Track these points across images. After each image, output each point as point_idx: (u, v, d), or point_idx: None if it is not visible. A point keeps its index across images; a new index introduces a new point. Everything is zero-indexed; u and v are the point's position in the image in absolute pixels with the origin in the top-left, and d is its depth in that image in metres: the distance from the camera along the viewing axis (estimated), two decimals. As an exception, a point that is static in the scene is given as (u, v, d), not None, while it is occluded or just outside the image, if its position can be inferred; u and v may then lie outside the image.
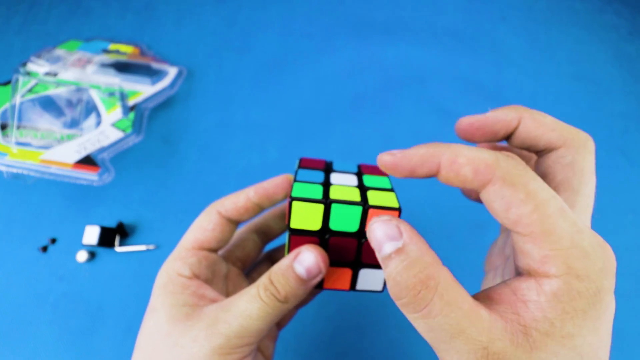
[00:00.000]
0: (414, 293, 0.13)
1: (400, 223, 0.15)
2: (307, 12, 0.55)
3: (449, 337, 0.13)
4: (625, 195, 0.40)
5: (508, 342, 0.13)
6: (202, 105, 0.45)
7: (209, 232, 0.22)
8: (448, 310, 0.13)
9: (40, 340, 0.30)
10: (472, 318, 0.13)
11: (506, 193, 0.14)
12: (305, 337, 0.32)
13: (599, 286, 0.13)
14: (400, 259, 0.14)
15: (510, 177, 0.14)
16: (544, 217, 0.13)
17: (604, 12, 0.58)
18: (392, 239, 0.14)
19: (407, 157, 0.16)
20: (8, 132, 0.38)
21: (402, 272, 0.14)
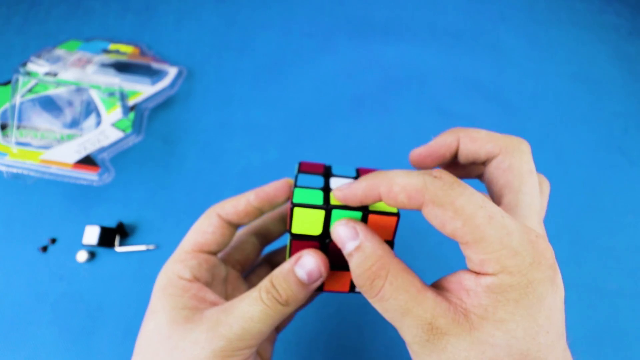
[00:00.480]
0: (369, 282, 0.16)
1: (356, 224, 0.18)
2: (307, 12, 0.55)
3: (399, 315, 0.16)
4: (625, 195, 0.40)
5: (450, 320, 0.15)
6: (202, 105, 0.45)
7: (209, 235, 0.22)
8: (397, 294, 0.16)
9: (40, 340, 0.30)
10: (419, 299, 0.16)
11: (438, 213, 0.15)
12: (305, 337, 0.32)
13: (529, 279, 0.15)
14: (358, 255, 0.17)
15: (438, 199, 0.15)
16: (473, 228, 0.15)
17: (604, 12, 0.58)
18: (352, 238, 0.17)
19: (352, 193, 0.18)
20: (8, 132, 0.38)
21: (360, 265, 0.17)
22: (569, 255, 0.36)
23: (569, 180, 0.41)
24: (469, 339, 0.15)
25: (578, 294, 0.34)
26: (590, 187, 0.41)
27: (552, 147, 0.43)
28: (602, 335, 0.32)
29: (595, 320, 0.33)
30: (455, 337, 0.15)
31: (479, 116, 0.45)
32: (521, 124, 0.45)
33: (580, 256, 0.36)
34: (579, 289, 0.34)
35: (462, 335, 0.15)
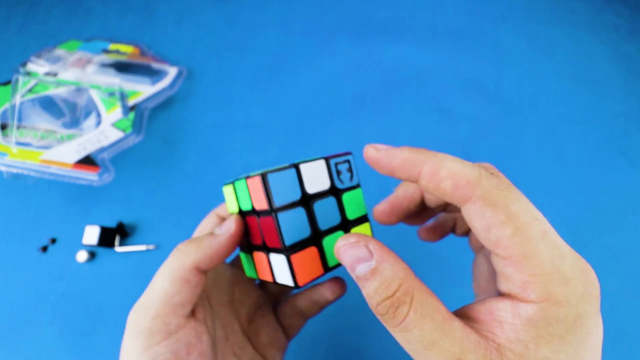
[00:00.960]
0: (392, 310, 0.14)
1: (368, 242, 0.15)
2: (307, 12, 0.55)
3: (423, 348, 0.13)
4: (625, 195, 0.40)
5: (481, 356, 0.13)
6: (202, 105, 0.45)
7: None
8: (422, 323, 0.13)
9: (40, 340, 0.30)
10: (445, 330, 0.13)
11: (487, 213, 0.13)
12: (305, 337, 0.32)
13: (579, 311, 0.13)
14: (376, 279, 0.14)
15: (492, 197, 0.13)
16: (524, 241, 0.13)
17: (604, 12, 0.58)
18: (364, 260, 0.14)
19: (390, 156, 0.16)
20: (8, 132, 0.38)
21: (380, 292, 0.14)
22: (569, 255, 0.36)
23: (569, 180, 0.41)
24: None
25: (578, 294, 0.34)
26: (590, 187, 0.41)
27: (552, 147, 0.43)
28: (602, 335, 0.32)
29: (595, 320, 0.33)
30: None
31: (479, 116, 0.45)
32: (521, 124, 0.45)
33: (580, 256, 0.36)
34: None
35: None
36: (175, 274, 0.18)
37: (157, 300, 0.17)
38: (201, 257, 0.18)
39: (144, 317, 0.17)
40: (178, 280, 0.18)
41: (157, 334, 0.17)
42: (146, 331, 0.17)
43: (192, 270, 0.18)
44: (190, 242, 0.19)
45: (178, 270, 0.18)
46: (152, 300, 0.17)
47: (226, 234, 0.19)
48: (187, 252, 0.18)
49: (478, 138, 0.44)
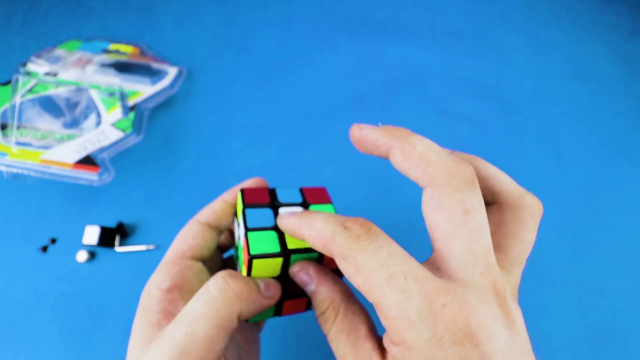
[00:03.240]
0: (323, 322, 0.18)
1: (310, 268, 0.19)
2: (307, 12, 0.55)
3: (340, 357, 0.16)
4: (625, 195, 0.40)
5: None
6: (202, 105, 0.45)
7: (190, 241, 0.22)
8: (339, 337, 0.17)
9: (40, 340, 0.30)
10: (356, 347, 0.16)
11: (343, 266, 0.14)
12: (305, 337, 0.32)
13: (429, 357, 0.13)
14: (314, 298, 0.18)
15: (342, 251, 0.14)
16: (372, 288, 0.13)
17: (604, 12, 0.58)
18: (308, 283, 0.19)
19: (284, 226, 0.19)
20: (8, 132, 0.38)
21: (317, 307, 0.18)
22: (569, 255, 0.36)
23: (569, 180, 0.41)
24: None
25: (578, 294, 0.34)
26: (590, 187, 0.41)
27: (552, 147, 0.43)
28: (602, 335, 0.32)
29: (595, 320, 0.33)
30: None
31: (479, 116, 0.45)
32: (521, 124, 0.45)
33: (580, 256, 0.36)
34: (579, 289, 0.34)
35: None
36: (224, 323, 0.17)
37: (202, 348, 0.16)
38: (246, 311, 0.18)
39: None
40: (226, 329, 0.17)
41: None
42: None
43: (237, 319, 0.17)
44: (243, 286, 0.18)
45: (228, 320, 0.17)
46: (196, 347, 0.16)
47: (271, 301, 0.19)
48: (239, 298, 0.17)
49: (478, 138, 0.44)
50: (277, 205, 0.22)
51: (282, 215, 0.19)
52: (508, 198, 0.17)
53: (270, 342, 0.31)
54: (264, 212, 0.21)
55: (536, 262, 0.36)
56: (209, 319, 0.16)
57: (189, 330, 0.16)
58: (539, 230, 0.38)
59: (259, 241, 0.19)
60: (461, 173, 0.15)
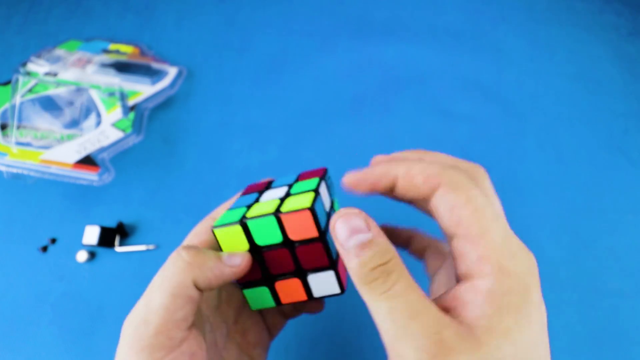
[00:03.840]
0: (384, 275, 0.15)
1: (367, 218, 0.16)
2: (307, 12, 0.55)
3: (407, 318, 0.14)
4: (625, 195, 0.40)
5: (455, 333, 0.14)
6: (202, 105, 0.45)
7: (203, 236, 0.22)
8: (410, 291, 0.15)
9: (40, 340, 0.30)
10: (427, 305, 0.14)
11: (451, 196, 0.16)
12: (306, 337, 0.32)
13: (527, 283, 0.15)
14: (372, 248, 0.15)
15: (454, 184, 0.16)
16: (481, 220, 0.15)
17: (604, 12, 0.58)
18: (361, 231, 0.16)
19: (365, 176, 0.18)
20: (8, 132, 0.38)
21: (375, 259, 0.15)
22: (569, 255, 0.36)
23: (569, 180, 0.41)
24: (478, 355, 0.13)
25: (578, 294, 0.34)
26: (590, 187, 0.41)
27: (552, 147, 0.43)
28: (602, 335, 0.32)
29: (595, 320, 0.33)
30: (464, 353, 0.13)
31: (479, 116, 0.45)
32: (521, 124, 0.45)
33: (580, 256, 0.36)
34: (579, 289, 0.34)
35: (471, 352, 0.13)
36: (176, 290, 0.17)
37: (158, 317, 0.16)
38: (202, 278, 0.18)
39: (144, 333, 0.16)
40: (180, 297, 0.17)
41: (162, 349, 0.16)
42: (149, 347, 0.16)
43: (193, 287, 0.17)
44: (195, 254, 0.18)
45: (179, 287, 0.17)
46: (152, 316, 0.16)
47: (235, 269, 0.19)
48: (191, 266, 0.17)
49: (478, 138, 0.44)
50: (268, 189, 0.23)
51: (353, 172, 0.19)
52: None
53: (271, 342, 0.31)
54: (250, 196, 0.22)
55: (536, 262, 0.36)
56: (161, 288, 0.17)
57: (146, 301, 0.17)
58: (539, 229, 0.38)
59: (227, 216, 0.20)
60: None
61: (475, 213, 0.15)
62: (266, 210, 0.19)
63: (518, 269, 0.15)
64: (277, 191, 0.22)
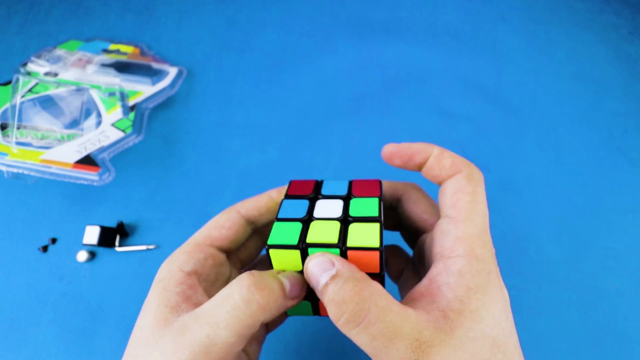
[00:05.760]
0: (352, 306, 0.15)
1: (331, 256, 0.17)
2: (307, 12, 0.55)
3: (388, 340, 0.15)
4: (625, 195, 0.40)
5: (432, 329, 0.15)
6: (202, 105, 0.45)
7: (224, 230, 0.22)
8: (383, 315, 0.15)
9: (40, 340, 0.30)
10: (403, 317, 0.15)
11: (462, 182, 0.19)
12: (306, 337, 0.32)
13: (490, 268, 0.17)
14: (336, 282, 0.16)
15: (471, 175, 0.19)
16: (472, 210, 0.18)
17: (604, 12, 0.58)
18: (326, 270, 0.17)
19: (406, 147, 0.21)
20: (8, 132, 0.38)
21: (339, 291, 0.15)
22: (569, 255, 0.36)
23: (569, 180, 0.41)
24: (452, 342, 0.15)
25: (578, 294, 0.34)
26: (590, 187, 0.41)
27: (552, 147, 0.43)
28: (602, 335, 0.32)
29: (595, 320, 0.33)
30: (440, 345, 0.15)
31: (479, 116, 0.45)
32: (521, 124, 0.45)
33: (580, 256, 0.36)
34: (579, 289, 0.34)
35: (446, 341, 0.15)
36: (246, 332, 0.17)
37: (221, 351, 0.16)
38: (270, 317, 0.17)
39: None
40: (246, 336, 0.17)
41: None
42: None
43: (259, 326, 0.17)
44: (268, 294, 0.17)
45: (250, 329, 0.17)
46: (215, 350, 0.16)
47: (296, 300, 0.19)
48: (264, 309, 0.17)
49: (478, 138, 0.44)
50: (316, 198, 0.21)
51: (394, 144, 0.22)
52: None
53: (270, 342, 0.31)
54: (300, 203, 0.21)
55: (536, 262, 0.36)
56: (231, 327, 0.16)
57: (211, 334, 0.16)
58: (539, 229, 0.38)
59: (281, 231, 0.19)
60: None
61: (470, 203, 0.18)
62: (329, 238, 0.18)
63: (485, 256, 0.17)
64: (332, 205, 0.20)
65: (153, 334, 0.17)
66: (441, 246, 0.18)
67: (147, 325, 0.18)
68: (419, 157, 0.21)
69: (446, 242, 0.18)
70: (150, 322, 0.18)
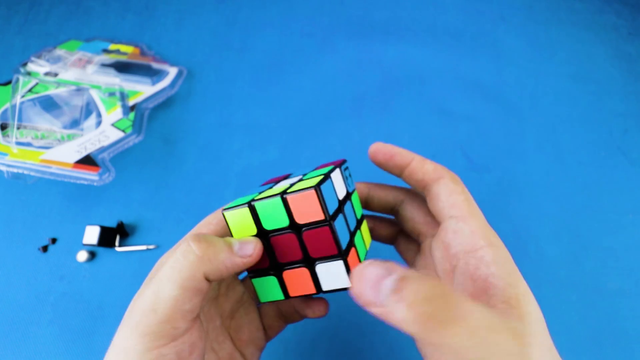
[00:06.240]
0: (443, 301, 0.13)
1: (381, 262, 0.14)
2: (307, 12, 0.55)
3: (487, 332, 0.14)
4: (625, 195, 0.40)
5: (514, 319, 0.16)
6: (202, 105, 0.45)
7: (212, 226, 0.22)
8: (472, 306, 0.14)
9: (40, 340, 0.30)
10: (483, 310, 0.15)
11: (452, 185, 0.20)
12: (306, 337, 0.32)
13: (508, 254, 0.19)
14: (411, 283, 0.13)
15: (454, 178, 0.21)
16: (470, 206, 0.20)
17: (604, 12, 0.58)
18: (385, 276, 0.14)
19: (390, 147, 0.22)
20: (8, 132, 0.38)
21: (421, 290, 0.13)
22: (569, 255, 0.36)
23: (569, 180, 0.41)
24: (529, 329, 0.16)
25: (578, 294, 0.34)
26: (590, 187, 0.41)
27: (552, 147, 0.43)
28: (602, 335, 0.32)
29: (595, 320, 0.33)
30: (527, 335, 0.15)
31: (479, 116, 0.45)
32: (521, 124, 0.45)
33: (580, 256, 0.36)
34: (579, 289, 0.34)
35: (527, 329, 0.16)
36: (187, 283, 0.17)
37: (166, 307, 0.17)
38: (214, 271, 0.18)
39: (151, 320, 0.16)
40: (190, 289, 0.17)
41: (165, 337, 0.17)
42: (153, 334, 0.16)
43: (204, 280, 0.17)
44: (206, 247, 0.18)
45: (190, 280, 0.17)
46: (160, 306, 0.17)
47: (247, 260, 0.19)
48: (202, 260, 0.17)
49: (478, 138, 0.44)
50: (281, 180, 0.23)
51: (381, 143, 0.23)
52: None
53: (270, 342, 0.31)
54: (266, 187, 0.22)
55: (536, 262, 0.36)
56: (172, 280, 0.17)
57: (155, 289, 0.17)
58: (539, 229, 0.38)
59: (237, 202, 0.20)
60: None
61: (466, 201, 0.20)
62: (273, 192, 0.19)
63: (500, 244, 0.19)
64: (291, 180, 0.22)
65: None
66: (460, 244, 0.19)
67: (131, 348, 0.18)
68: (400, 157, 0.22)
69: (464, 239, 0.19)
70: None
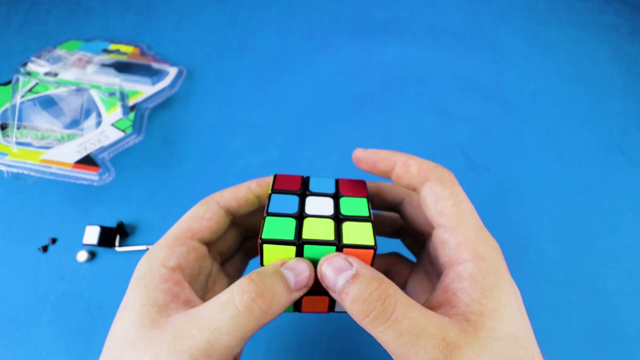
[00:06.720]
0: (380, 303, 0.15)
1: (346, 256, 0.17)
2: (307, 12, 0.55)
3: (415, 337, 0.15)
4: (625, 195, 0.40)
5: (457, 330, 0.15)
6: (202, 105, 0.45)
7: (205, 222, 0.21)
8: (409, 311, 0.15)
9: (40, 340, 0.30)
10: (427, 316, 0.15)
11: (438, 188, 0.19)
12: (306, 337, 0.32)
13: (498, 265, 0.17)
14: (359, 281, 0.16)
15: (442, 179, 0.19)
16: (459, 212, 0.18)
17: (604, 12, 0.58)
18: (343, 269, 0.17)
19: (373, 154, 0.21)
20: (8, 132, 0.38)
21: (365, 290, 0.16)
22: (569, 255, 0.36)
23: (569, 180, 0.41)
24: (478, 343, 0.15)
25: (578, 294, 0.34)
26: (590, 187, 0.41)
27: (552, 147, 0.44)
28: (602, 335, 0.32)
29: (595, 320, 0.33)
30: (467, 347, 0.15)
31: (479, 116, 0.45)
32: (521, 124, 0.45)
33: (580, 256, 0.36)
34: (579, 289, 0.34)
35: (472, 342, 0.15)
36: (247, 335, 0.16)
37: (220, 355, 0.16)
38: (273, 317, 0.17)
39: None
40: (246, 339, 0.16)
41: None
42: None
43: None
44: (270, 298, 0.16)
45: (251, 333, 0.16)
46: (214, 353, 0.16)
47: (303, 291, 0.18)
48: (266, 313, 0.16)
49: (478, 138, 0.44)
50: (306, 194, 0.21)
51: (363, 149, 0.21)
52: None
53: (270, 342, 0.31)
54: (289, 198, 0.21)
55: (536, 262, 0.36)
56: (233, 333, 0.16)
57: (212, 339, 0.15)
58: (539, 229, 0.38)
59: (274, 227, 0.18)
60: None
61: (455, 206, 0.18)
62: (325, 235, 0.18)
63: (490, 255, 0.17)
64: (323, 203, 0.20)
65: (140, 335, 0.16)
66: (446, 255, 0.18)
67: (131, 326, 0.17)
68: (383, 164, 0.21)
69: (449, 251, 0.18)
70: (134, 322, 0.17)
